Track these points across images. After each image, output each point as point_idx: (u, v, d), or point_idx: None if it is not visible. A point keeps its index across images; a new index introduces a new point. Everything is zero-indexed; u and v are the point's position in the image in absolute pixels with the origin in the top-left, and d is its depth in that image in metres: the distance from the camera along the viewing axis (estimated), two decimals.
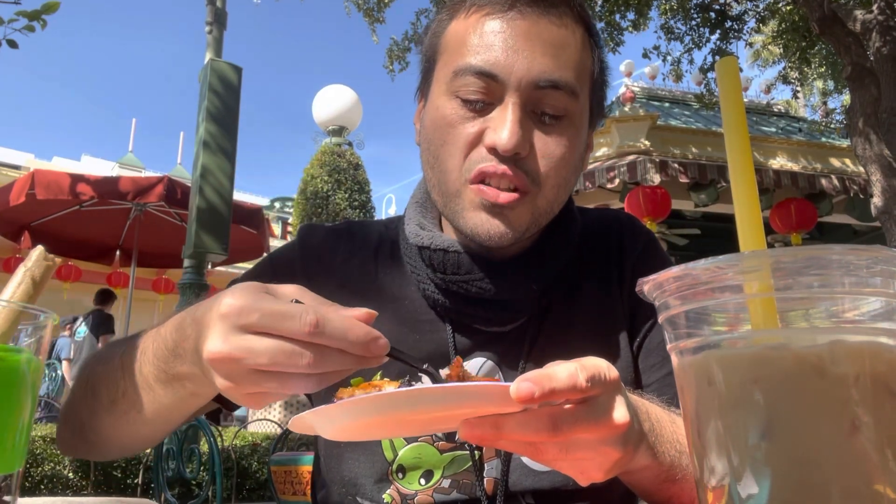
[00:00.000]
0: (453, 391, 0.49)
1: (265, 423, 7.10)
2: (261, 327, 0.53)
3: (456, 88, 0.82)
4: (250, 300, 0.53)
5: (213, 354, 0.54)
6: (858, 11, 5.04)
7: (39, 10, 3.66)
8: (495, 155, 0.79)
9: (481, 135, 0.81)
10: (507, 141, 0.77)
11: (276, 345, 0.52)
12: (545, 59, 0.80)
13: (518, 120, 0.79)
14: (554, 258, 0.90)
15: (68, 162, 20.98)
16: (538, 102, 0.81)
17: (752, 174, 0.44)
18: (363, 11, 7.85)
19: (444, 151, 0.83)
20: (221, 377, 0.55)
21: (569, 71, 0.81)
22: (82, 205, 7.03)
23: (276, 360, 0.52)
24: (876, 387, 0.37)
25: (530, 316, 0.89)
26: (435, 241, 0.88)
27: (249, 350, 0.53)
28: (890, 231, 4.47)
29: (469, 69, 0.81)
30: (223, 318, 0.53)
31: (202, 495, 3.82)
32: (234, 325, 0.53)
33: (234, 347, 0.53)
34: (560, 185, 0.84)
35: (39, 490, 5.12)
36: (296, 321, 0.52)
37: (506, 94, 0.80)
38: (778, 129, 10.09)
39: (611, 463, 0.54)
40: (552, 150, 0.81)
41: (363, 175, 9.88)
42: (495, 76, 0.79)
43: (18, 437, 0.52)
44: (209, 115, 4.91)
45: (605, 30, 7.59)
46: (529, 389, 0.47)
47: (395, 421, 0.57)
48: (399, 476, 0.85)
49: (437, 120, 0.84)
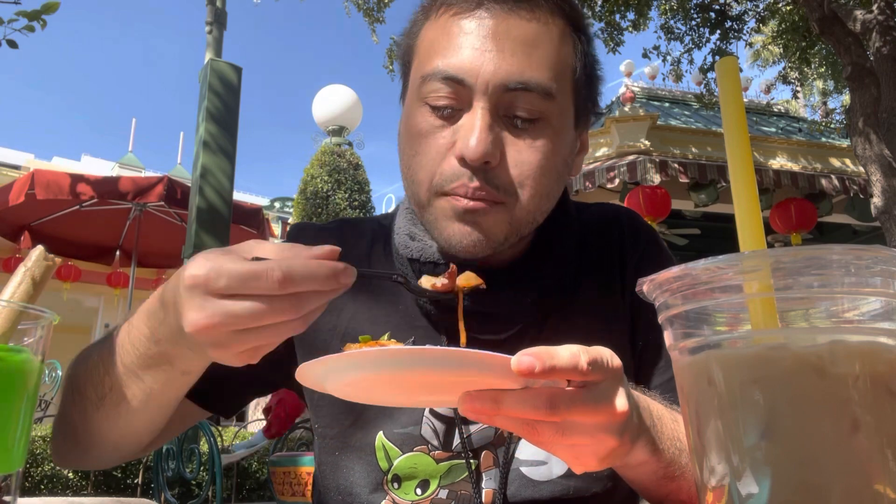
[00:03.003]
0: (455, 355, 0.50)
1: (265, 423, 7.09)
2: (231, 289, 0.53)
3: (425, 95, 0.78)
4: (214, 266, 0.54)
5: (195, 326, 0.55)
6: (858, 11, 5.04)
7: (39, 10, 3.66)
8: (465, 166, 0.75)
9: (451, 145, 0.77)
10: (474, 149, 0.73)
11: (252, 304, 0.53)
12: (514, 59, 0.75)
13: (487, 126, 0.74)
14: (550, 266, 0.86)
15: (68, 162, 20.98)
16: (509, 106, 0.76)
17: (752, 174, 0.44)
18: (363, 11, 7.85)
19: (415, 163, 0.80)
20: (209, 346, 0.56)
21: (542, 70, 0.76)
22: (82, 205, 7.03)
23: (257, 318, 0.54)
24: (876, 387, 0.37)
25: (526, 323, 0.86)
26: (425, 254, 0.84)
27: (228, 314, 0.54)
28: (890, 231, 4.47)
29: (436, 74, 0.77)
30: (193, 289, 0.54)
31: (202, 495, 3.82)
32: (205, 293, 0.54)
33: (211, 315, 0.54)
34: (540, 193, 0.79)
35: (39, 490, 5.12)
36: (263, 280, 0.53)
37: (474, 99, 0.76)
38: (778, 129, 10.09)
39: (606, 451, 0.54)
40: (526, 157, 0.77)
41: (363, 175, 9.87)
42: (462, 80, 0.75)
43: (18, 437, 0.52)
44: (209, 115, 4.91)
45: (605, 30, 7.59)
46: (530, 363, 0.47)
47: (397, 381, 0.57)
48: (394, 486, 0.83)
49: (409, 129, 0.81)
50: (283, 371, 0.91)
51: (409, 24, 0.88)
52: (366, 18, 7.87)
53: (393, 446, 0.84)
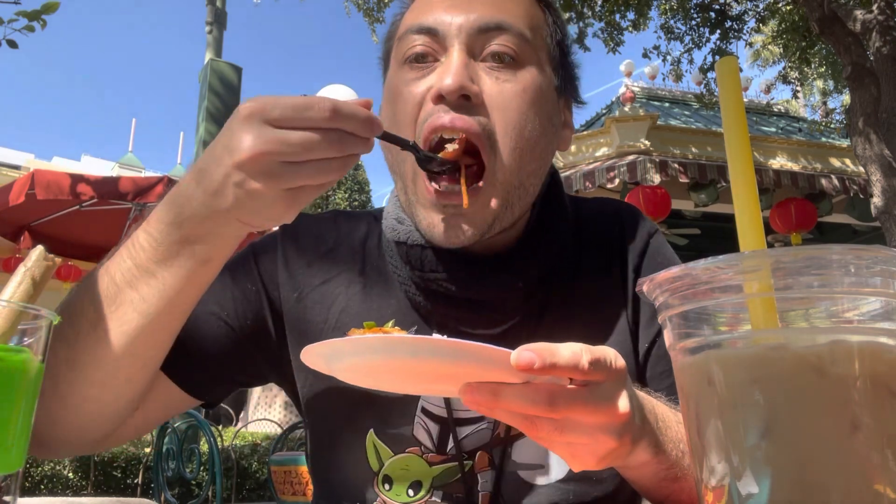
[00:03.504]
0: (457, 347, 0.50)
1: (265, 423, 7.10)
2: (285, 120, 0.58)
3: (402, 54, 0.80)
4: (269, 98, 0.58)
5: (251, 151, 0.58)
6: (858, 11, 5.04)
7: (39, 10, 3.66)
8: (444, 104, 0.74)
9: (429, 91, 0.77)
10: (451, 81, 0.73)
11: (305, 134, 0.58)
12: (485, 7, 0.78)
13: (462, 62, 0.75)
14: (542, 255, 0.84)
15: (68, 162, 20.99)
16: (485, 46, 0.77)
17: (752, 174, 0.44)
18: (363, 11, 7.85)
19: (396, 123, 0.79)
20: (256, 176, 0.59)
21: (514, 17, 0.79)
22: (82, 205, 7.02)
23: (308, 147, 0.58)
24: (876, 387, 0.37)
25: (522, 318, 0.83)
26: (412, 237, 0.82)
27: (283, 142, 0.57)
28: (890, 231, 4.47)
29: (409, 29, 0.80)
30: (249, 118, 0.58)
31: (202, 495, 3.82)
32: (261, 121, 0.58)
33: (267, 141, 0.57)
34: (523, 147, 0.77)
35: (39, 490, 5.12)
36: (315, 109, 0.57)
37: (448, 45, 0.77)
38: (778, 129, 10.09)
39: (605, 451, 0.54)
40: (507, 90, 0.76)
41: (363, 175, 9.89)
42: (435, 30, 0.78)
43: (18, 437, 0.52)
44: (209, 115, 4.91)
45: (605, 30, 7.59)
46: (530, 359, 0.47)
47: (399, 369, 0.58)
48: (385, 488, 0.81)
49: (389, 93, 0.82)
50: (271, 361, 0.90)
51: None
52: (366, 18, 7.87)
53: (384, 446, 0.82)
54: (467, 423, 0.81)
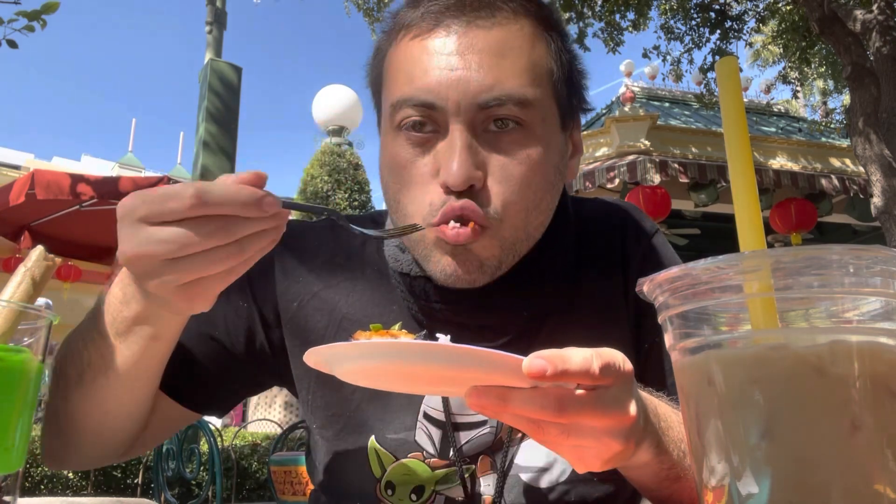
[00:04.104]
0: (465, 353, 0.50)
1: (265, 423, 7.10)
2: (153, 216, 0.55)
3: (398, 123, 0.76)
4: (139, 195, 0.56)
5: (125, 255, 0.57)
6: (858, 11, 5.04)
7: (39, 10, 3.66)
8: (451, 193, 0.73)
9: (435, 172, 0.74)
10: (456, 174, 0.71)
11: (177, 229, 0.55)
12: (482, 72, 0.72)
13: (465, 147, 0.72)
14: (547, 276, 0.83)
15: (68, 162, 21.00)
16: (486, 121, 0.74)
17: (752, 174, 0.44)
18: (363, 11, 7.86)
19: (404, 197, 0.77)
20: (142, 277, 0.58)
21: (514, 79, 0.74)
22: (82, 205, 7.02)
23: (183, 244, 0.55)
24: (876, 387, 0.37)
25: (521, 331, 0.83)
26: (415, 268, 0.81)
27: (152, 240, 0.55)
28: (890, 231, 4.47)
29: (406, 102, 0.75)
30: (122, 220, 0.57)
31: (202, 495, 3.82)
32: (132, 222, 0.56)
33: (139, 242, 0.56)
34: (528, 208, 0.76)
35: (39, 490, 5.12)
36: (177, 198, 0.54)
37: (449, 122, 0.73)
38: (778, 129, 10.09)
39: (610, 454, 0.54)
40: (511, 171, 0.74)
41: (363, 175, 9.89)
42: (433, 104, 0.73)
43: (18, 437, 0.52)
44: (209, 115, 4.91)
45: (605, 30, 7.60)
46: (542, 366, 0.47)
47: (404, 373, 0.58)
48: (388, 493, 0.81)
49: (390, 161, 0.78)
50: (270, 372, 0.91)
51: (374, 50, 0.85)
52: (366, 18, 7.88)
53: (386, 452, 0.82)
54: (470, 428, 0.81)
